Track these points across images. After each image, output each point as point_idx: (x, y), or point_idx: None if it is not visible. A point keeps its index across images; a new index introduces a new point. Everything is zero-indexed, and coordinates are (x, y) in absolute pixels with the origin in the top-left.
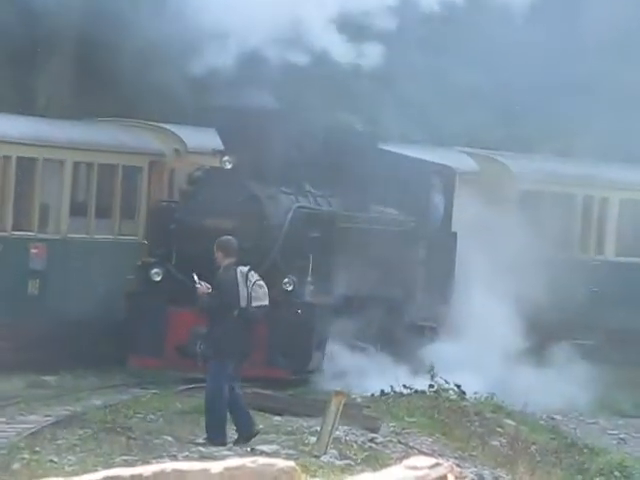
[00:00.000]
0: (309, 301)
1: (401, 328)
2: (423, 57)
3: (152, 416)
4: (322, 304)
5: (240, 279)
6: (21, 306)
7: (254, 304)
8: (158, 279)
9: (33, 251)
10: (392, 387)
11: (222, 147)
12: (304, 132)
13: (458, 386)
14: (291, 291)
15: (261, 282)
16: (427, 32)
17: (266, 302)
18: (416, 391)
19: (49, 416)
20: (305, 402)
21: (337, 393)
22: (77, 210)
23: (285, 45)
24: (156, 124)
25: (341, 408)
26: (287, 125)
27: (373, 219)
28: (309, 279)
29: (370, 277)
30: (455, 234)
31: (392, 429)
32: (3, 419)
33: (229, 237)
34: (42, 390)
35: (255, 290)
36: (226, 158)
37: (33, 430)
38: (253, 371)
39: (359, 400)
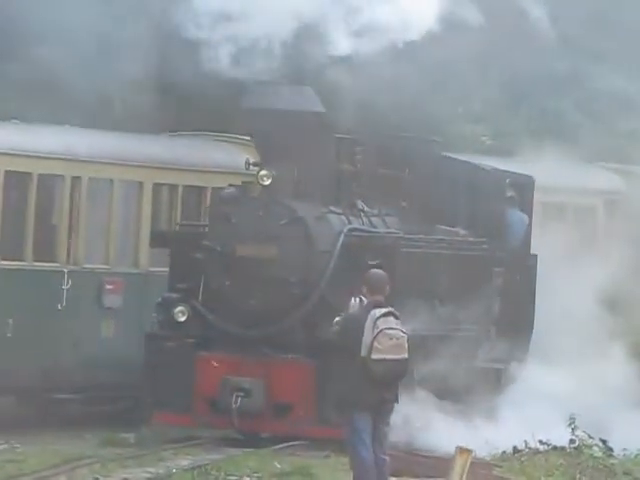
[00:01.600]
0: None
1: (475, 372)
2: (562, 59)
3: (247, 478)
4: None
5: (369, 323)
6: (93, 350)
7: (374, 356)
8: (183, 319)
9: (108, 287)
10: (526, 443)
11: (258, 159)
12: (355, 140)
13: (604, 441)
14: None
15: (392, 331)
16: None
17: (395, 356)
18: (554, 447)
19: (126, 479)
20: (426, 461)
21: (462, 450)
22: (158, 239)
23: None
24: (251, 139)
25: (467, 468)
26: (335, 131)
27: (440, 242)
28: None
29: (439, 312)
30: (535, 257)
31: None
32: None
33: (378, 271)
34: (119, 449)
35: (379, 340)
36: (264, 172)
37: None
38: (299, 429)
39: (488, 458)
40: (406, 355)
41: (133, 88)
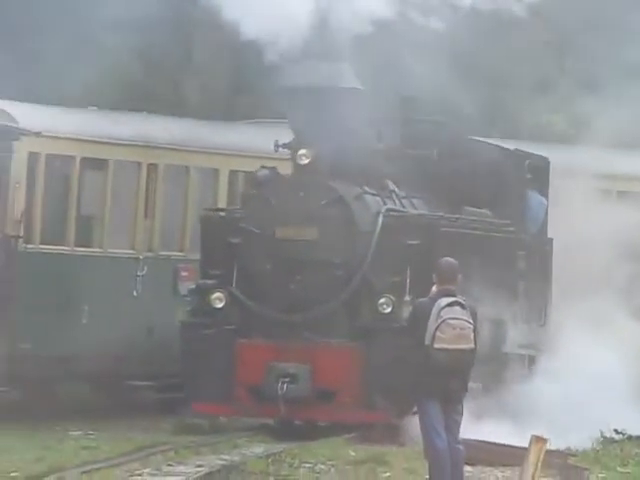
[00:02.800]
0: None
1: (505, 358)
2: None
3: (322, 466)
4: None
5: (434, 312)
6: (167, 337)
7: (436, 345)
8: (220, 305)
9: (183, 274)
10: (601, 432)
11: (290, 139)
12: (384, 119)
13: None
14: (389, 314)
15: (456, 321)
16: None
17: (458, 345)
18: (630, 437)
19: (201, 467)
20: (501, 449)
21: (537, 439)
22: None
23: None
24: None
25: (542, 456)
26: (369, 109)
27: (474, 223)
28: (407, 298)
29: (475, 294)
30: (551, 240)
31: None
32: (147, 470)
33: (449, 259)
34: (193, 436)
35: (442, 329)
36: (303, 152)
37: None
38: (346, 415)
39: (563, 447)
40: (472, 345)
41: (209, 75)
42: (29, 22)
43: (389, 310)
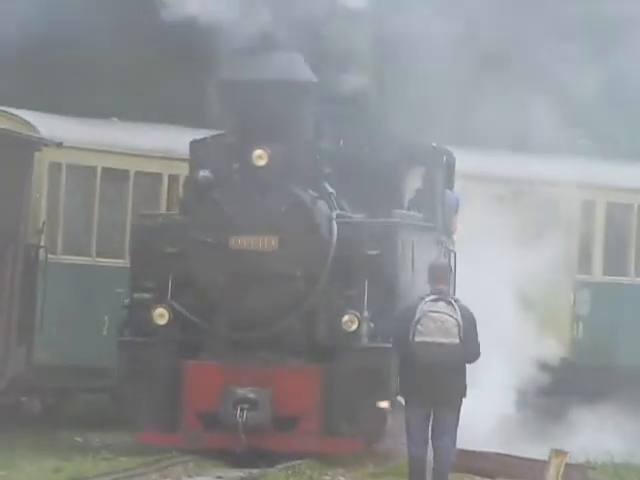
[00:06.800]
0: (379, 346)
1: None
2: None
3: (341, 478)
4: (388, 348)
5: (418, 308)
6: None
7: (416, 339)
8: (163, 322)
9: None
10: None
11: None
12: (326, 114)
13: None
14: (353, 332)
15: (437, 315)
16: None
17: (439, 339)
18: None
19: (220, 478)
20: (520, 462)
21: (557, 452)
22: None
23: None
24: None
25: (562, 470)
26: (319, 104)
27: (417, 228)
28: (366, 314)
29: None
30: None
31: None
32: None
33: (439, 260)
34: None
35: (423, 323)
36: (259, 152)
37: None
38: (310, 444)
39: (582, 460)
40: (456, 340)
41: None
42: (52, 34)
43: (354, 328)
